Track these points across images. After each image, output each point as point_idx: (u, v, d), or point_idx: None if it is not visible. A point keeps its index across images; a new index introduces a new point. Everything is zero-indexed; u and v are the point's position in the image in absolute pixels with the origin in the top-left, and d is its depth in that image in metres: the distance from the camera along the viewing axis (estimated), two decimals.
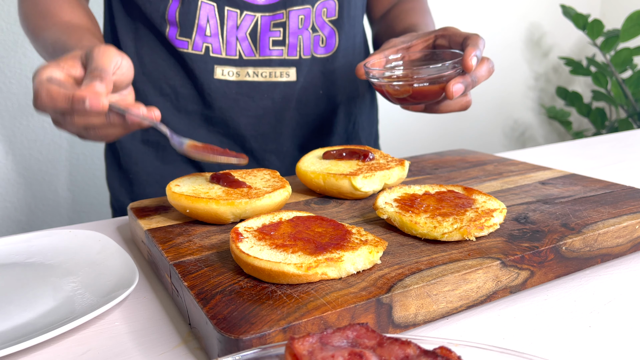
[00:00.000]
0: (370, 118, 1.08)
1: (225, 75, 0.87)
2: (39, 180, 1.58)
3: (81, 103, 0.56)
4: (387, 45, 0.80)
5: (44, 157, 1.57)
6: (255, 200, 0.58)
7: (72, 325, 0.44)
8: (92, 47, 0.62)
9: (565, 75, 2.71)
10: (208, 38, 0.85)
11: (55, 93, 0.57)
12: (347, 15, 0.93)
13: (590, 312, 0.48)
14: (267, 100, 0.91)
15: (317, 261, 0.45)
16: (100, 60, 0.60)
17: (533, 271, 0.51)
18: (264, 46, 0.87)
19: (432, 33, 0.79)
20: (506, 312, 0.49)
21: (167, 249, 0.54)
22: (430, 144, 2.37)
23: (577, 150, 1.10)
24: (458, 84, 0.69)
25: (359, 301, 0.42)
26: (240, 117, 0.90)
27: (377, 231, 0.57)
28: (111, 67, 0.60)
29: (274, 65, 0.89)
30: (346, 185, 0.66)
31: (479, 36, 0.72)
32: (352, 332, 0.35)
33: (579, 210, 0.61)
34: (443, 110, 0.76)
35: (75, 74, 0.62)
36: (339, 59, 0.95)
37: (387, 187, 0.68)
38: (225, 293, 0.44)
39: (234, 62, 0.87)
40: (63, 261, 0.60)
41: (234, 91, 0.88)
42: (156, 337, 0.46)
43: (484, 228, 0.53)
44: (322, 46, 0.92)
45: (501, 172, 0.79)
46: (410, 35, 0.81)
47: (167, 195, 0.62)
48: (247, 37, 0.86)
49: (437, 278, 0.46)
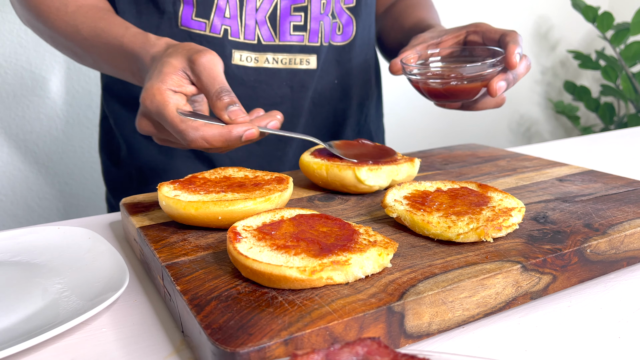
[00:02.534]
0: (378, 111, 1.04)
1: (244, 60, 0.82)
2: (35, 173, 1.54)
3: (238, 140, 0.58)
4: (416, 41, 0.77)
5: (40, 150, 1.53)
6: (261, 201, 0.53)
7: (55, 333, 0.40)
8: (190, 55, 0.60)
9: (573, 69, 2.66)
10: (227, 20, 0.80)
11: (211, 137, 0.57)
12: (365, 3, 0.90)
13: (619, 321, 0.44)
14: (285, 88, 0.86)
15: (322, 265, 0.41)
16: (216, 75, 0.60)
17: (555, 276, 0.47)
18: (284, 31, 0.83)
19: (463, 29, 0.77)
20: (527, 320, 0.45)
21: (159, 248, 0.50)
22: (435, 139, 2.33)
23: (588, 146, 1.06)
24: (501, 81, 0.68)
25: (368, 309, 0.38)
26: (256, 105, 0.84)
27: (386, 231, 0.53)
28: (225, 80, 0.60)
29: (294, 51, 0.84)
30: (350, 176, 0.62)
31: (517, 32, 0.70)
32: (363, 347, 0.31)
33: (602, 210, 0.57)
34: (479, 108, 0.74)
35: (187, 92, 0.61)
36: (355, 49, 0.91)
37: (395, 184, 0.64)
38: (222, 299, 0.40)
39: (253, 47, 0.82)
40: (49, 260, 0.56)
41: (252, 78, 0.84)
42: (146, 345, 0.43)
43: (502, 228, 0.49)
44: (339, 34, 0.88)
45: (515, 167, 0.75)
46: (438, 31, 0.78)
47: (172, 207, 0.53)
48: (266, 21, 0.81)
49: (453, 283, 0.42)
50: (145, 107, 0.60)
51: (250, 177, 0.61)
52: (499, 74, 0.69)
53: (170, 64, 0.60)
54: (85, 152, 1.58)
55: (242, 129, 0.58)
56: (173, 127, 0.58)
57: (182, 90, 0.60)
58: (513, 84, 0.70)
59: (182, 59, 0.60)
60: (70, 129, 1.55)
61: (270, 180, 0.59)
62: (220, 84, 0.59)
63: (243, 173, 0.62)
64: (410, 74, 0.73)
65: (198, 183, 0.58)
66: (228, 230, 0.47)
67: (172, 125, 0.58)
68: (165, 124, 0.59)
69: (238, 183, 0.58)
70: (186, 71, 0.60)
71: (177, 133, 0.58)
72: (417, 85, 0.74)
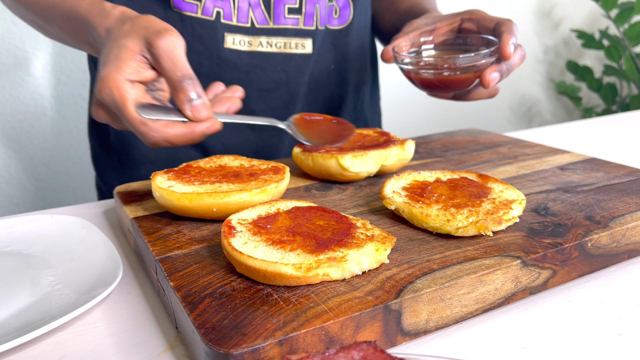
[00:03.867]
0: (374, 96, 1.02)
1: (237, 44, 0.80)
2: (30, 155, 1.52)
3: (201, 137, 0.55)
4: (409, 28, 0.75)
5: (35, 130, 1.51)
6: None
7: (46, 330, 0.40)
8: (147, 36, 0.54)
9: (576, 48, 2.62)
10: (219, 2, 0.77)
11: (174, 138, 0.54)
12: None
13: (619, 316, 0.44)
14: (280, 74, 0.84)
15: (318, 261, 0.40)
16: (177, 60, 0.54)
17: (555, 270, 0.46)
18: (279, 14, 0.80)
19: (457, 16, 0.74)
20: (526, 315, 0.44)
21: (153, 241, 0.49)
22: (435, 119, 2.31)
23: (590, 130, 1.04)
24: (494, 72, 0.66)
25: (364, 308, 0.38)
26: (250, 91, 0.83)
27: (384, 223, 0.52)
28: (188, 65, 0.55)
29: (289, 35, 0.82)
30: (334, 165, 0.60)
31: (512, 22, 0.68)
32: (358, 352, 0.30)
33: (604, 201, 0.56)
34: (472, 98, 0.72)
35: (145, 78, 0.56)
36: (352, 33, 0.89)
37: (385, 170, 0.63)
38: (216, 296, 0.40)
39: (246, 31, 0.80)
40: (42, 250, 0.55)
41: (245, 62, 0.81)
42: (140, 341, 0.42)
43: (502, 222, 0.48)
44: (335, 17, 0.85)
45: (516, 155, 0.74)
46: (432, 17, 0.76)
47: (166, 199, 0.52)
48: (260, 3, 0.79)
49: (451, 280, 0.41)
50: (102, 99, 0.55)
51: (246, 166, 0.60)
52: (493, 64, 0.67)
53: (126, 48, 0.54)
54: (82, 133, 1.56)
55: (204, 125, 0.55)
56: (134, 127, 0.54)
57: (140, 77, 0.55)
58: (507, 75, 0.68)
59: (139, 41, 0.55)
60: (64, 109, 1.53)
61: (266, 170, 0.58)
62: (181, 70, 0.54)
63: (239, 162, 0.61)
64: (402, 63, 0.71)
65: (192, 173, 0.57)
66: (223, 223, 0.46)
67: (133, 126, 0.54)
68: (125, 121, 0.55)
69: (233, 173, 0.57)
70: (144, 54, 0.55)
71: (139, 134, 0.55)
72: (409, 75, 0.72)
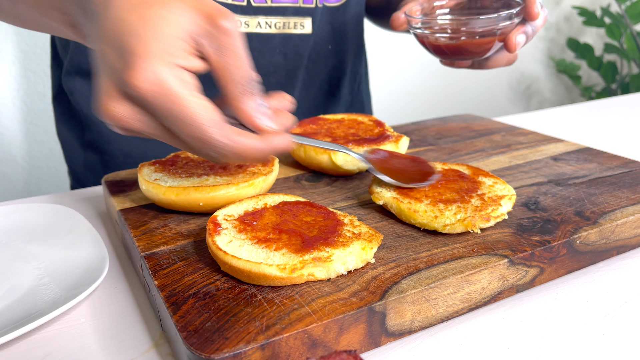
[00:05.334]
0: (366, 78, 1.00)
1: None
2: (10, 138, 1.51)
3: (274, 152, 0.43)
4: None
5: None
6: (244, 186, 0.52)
7: (30, 327, 0.40)
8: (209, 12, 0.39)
9: (577, 25, 2.58)
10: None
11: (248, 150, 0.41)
12: None
13: (604, 316, 0.44)
14: (278, 56, 0.80)
15: (303, 262, 0.40)
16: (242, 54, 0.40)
17: (543, 268, 0.46)
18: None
19: None
20: (512, 314, 0.44)
21: (139, 235, 0.48)
22: (433, 96, 2.28)
23: (588, 115, 1.03)
24: (520, 34, 0.61)
25: (348, 310, 0.37)
26: None
27: (373, 217, 0.52)
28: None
29: (288, 14, 0.78)
30: (326, 160, 0.60)
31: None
32: None
33: (595, 195, 0.56)
34: (491, 66, 0.67)
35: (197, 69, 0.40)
36: (349, 9, 0.85)
37: None
38: (199, 296, 0.39)
39: (242, 10, 0.76)
40: (29, 241, 0.55)
41: None
42: (125, 338, 0.42)
43: (490, 219, 0.48)
44: None
45: (509, 144, 0.73)
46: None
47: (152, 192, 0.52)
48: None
49: (437, 281, 0.41)
50: (141, 92, 0.37)
51: None
52: (517, 26, 0.62)
53: (174, 23, 0.38)
54: None
55: (280, 139, 0.43)
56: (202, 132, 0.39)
57: (190, 66, 0.40)
58: (532, 38, 0.63)
59: (195, 16, 0.39)
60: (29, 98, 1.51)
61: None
62: (248, 69, 0.41)
63: None
64: (416, 28, 0.66)
65: (180, 164, 0.56)
66: (209, 220, 0.45)
67: (202, 131, 0.39)
68: (182, 124, 0.39)
69: (221, 163, 0.56)
70: (199, 38, 0.39)
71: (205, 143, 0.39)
72: (423, 41, 0.67)
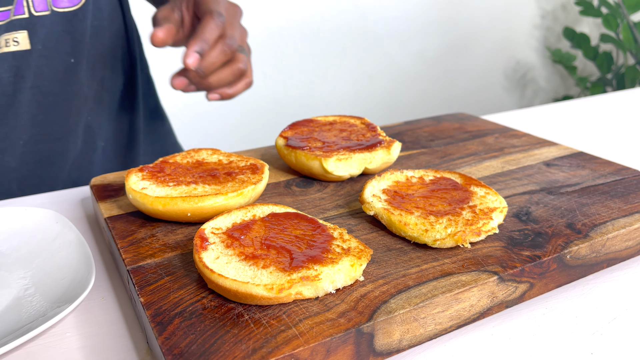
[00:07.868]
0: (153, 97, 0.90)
1: None
2: None
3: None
4: None
5: None
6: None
7: (14, 345, 0.39)
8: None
9: (574, 15, 2.56)
10: None
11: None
12: None
13: (593, 333, 0.44)
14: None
15: (291, 281, 0.39)
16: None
17: (533, 283, 0.46)
18: None
19: None
20: (500, 330, 0.44)
21: (126, 247, 0.48)
22: (429, 85, 2.27)
23: (584, 112, 1.03)
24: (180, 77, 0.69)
25: (336, 332, 0.37)
26: None
27: (363, 228, 0.51)
28: None
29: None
30: (317, 166, 0.59)
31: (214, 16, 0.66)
32: None
33: (586, 205, 0.55)
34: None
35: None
36: (93, 13, 0.74)
37: (368, 171, 0.62)
38: (186, 315, 0.39)
39: None
40: (15, 248, 0.54)
41: None
42: (111, 355, 0.41)
43: (481, 233, 0.47)
44: None
45: (502, 147, 0.72)
46: None
47: (139, 202, 0.51)
48: None
49: (426, 300, 0.40)
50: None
51: (224, 162, 0.58)
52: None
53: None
54: None
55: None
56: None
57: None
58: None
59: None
60: None
61: (244, 168, 0.56)
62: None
63: (217, 157, 0.59)
64: None
65: (168, 170, 0.55)
66: (196, 234, 0.45)
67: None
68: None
69: (210, 170, 0.56)
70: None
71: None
72: None
